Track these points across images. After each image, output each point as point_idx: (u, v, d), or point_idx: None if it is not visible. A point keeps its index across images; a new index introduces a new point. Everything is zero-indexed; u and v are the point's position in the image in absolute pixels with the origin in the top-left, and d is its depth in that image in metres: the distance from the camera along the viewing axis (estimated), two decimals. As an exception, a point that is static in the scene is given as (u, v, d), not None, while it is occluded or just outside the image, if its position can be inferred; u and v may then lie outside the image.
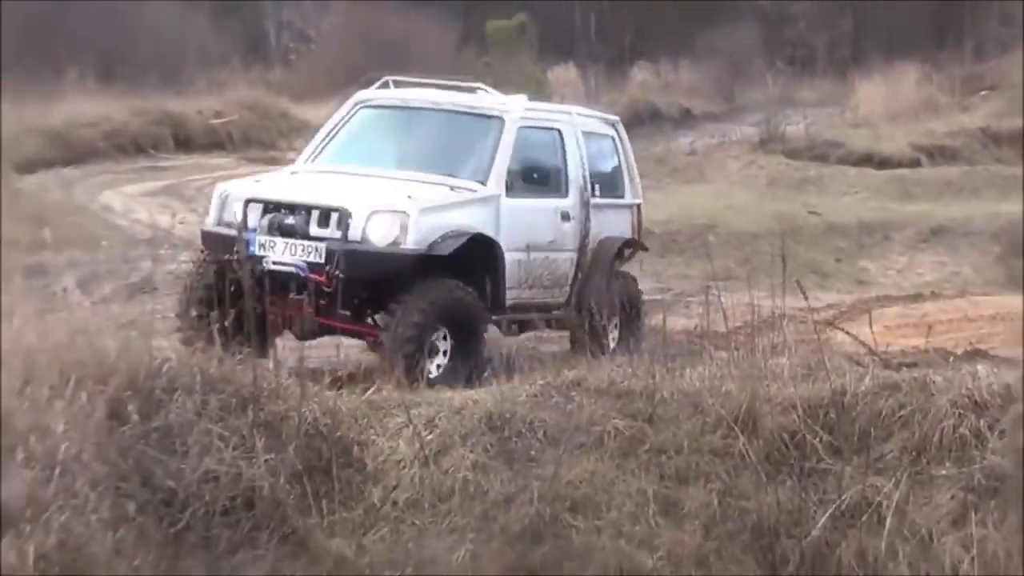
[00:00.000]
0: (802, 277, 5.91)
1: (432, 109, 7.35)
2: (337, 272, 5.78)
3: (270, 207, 6.23)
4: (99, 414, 3.99)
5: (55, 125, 14.97)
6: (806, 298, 4.87)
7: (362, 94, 7.51)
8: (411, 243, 5.86)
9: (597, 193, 7.40)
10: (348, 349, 6.27)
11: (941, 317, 8.44)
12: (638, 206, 7.98)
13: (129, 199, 12.97)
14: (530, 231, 6.73)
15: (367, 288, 6.03)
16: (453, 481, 4.13)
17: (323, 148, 7.38)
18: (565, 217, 7.06)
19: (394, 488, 4.16)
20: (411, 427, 4.19)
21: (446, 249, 5.93)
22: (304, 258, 5.95)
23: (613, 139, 7.89)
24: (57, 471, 3.71)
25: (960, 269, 10.68)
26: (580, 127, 7.43)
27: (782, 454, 4.32)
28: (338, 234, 5.92)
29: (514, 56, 20.73)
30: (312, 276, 5.83)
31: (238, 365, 4.17)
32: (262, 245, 6.03)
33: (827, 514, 4.04)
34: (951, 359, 5.69)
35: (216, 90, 19.05)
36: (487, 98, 7.26)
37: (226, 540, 3.91)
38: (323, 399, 4.33)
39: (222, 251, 6.10)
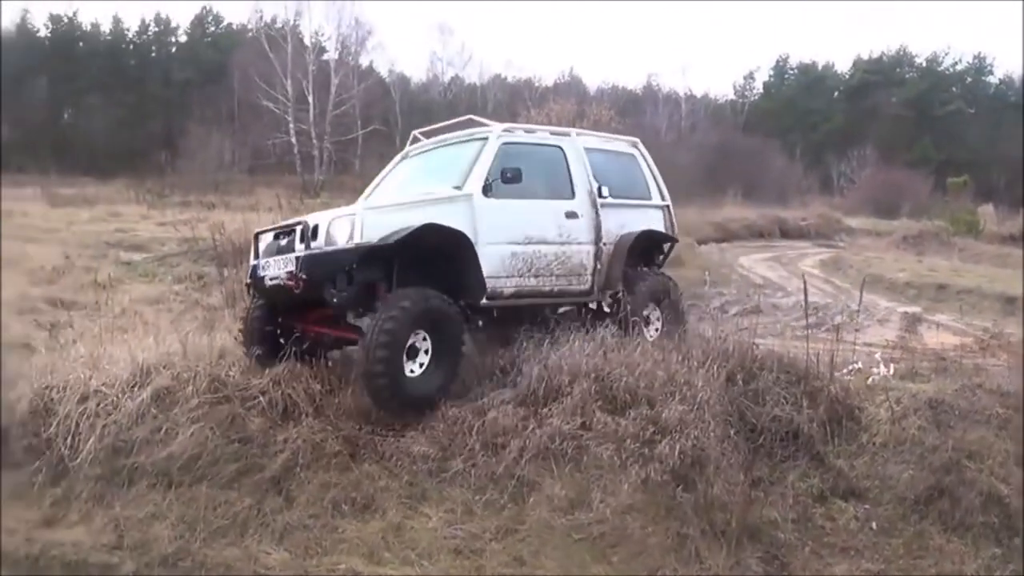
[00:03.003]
0: None
1: (440, 145, 7.64)
2: (301, 274, 5.79)
3: (275, 235, 6.38)
4: (721, 379, 5.83)
5: (717, 220, 26.12)
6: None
7: (402, 153, 8.02)
8: (364, 239, 5.77)
9: (606, 195, 7.34)
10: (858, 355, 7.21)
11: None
12: (667, 207, 7.96)
13: (752, 262, 19.86)
14: (526, 227, 6.73)
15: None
16: (907, 434, 5.73)
17: (370, 193, 7.79)
18: (571, 215, 7.06)
19: (874, 435, 5.79)
20: (887, 402, 5.88)
21: (391, 239, 5.83)
22: (286, 268, 5.96)
23: (634, 155, 8.04)
24: (696, 407, 5.54)
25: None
26: (583, 144, 7.45)
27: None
28: (312, 243, 5.86)
29: (960, 199, 33.32)
30: (288, 283, 5.86)
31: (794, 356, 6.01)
32: (265, 266, 6.28)
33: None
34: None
35: (804, 207, 34.37)
36: (479, 129, 7.25)
37: (780, 454, 5.67)
38: (842, 381, 6.03)
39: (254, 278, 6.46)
